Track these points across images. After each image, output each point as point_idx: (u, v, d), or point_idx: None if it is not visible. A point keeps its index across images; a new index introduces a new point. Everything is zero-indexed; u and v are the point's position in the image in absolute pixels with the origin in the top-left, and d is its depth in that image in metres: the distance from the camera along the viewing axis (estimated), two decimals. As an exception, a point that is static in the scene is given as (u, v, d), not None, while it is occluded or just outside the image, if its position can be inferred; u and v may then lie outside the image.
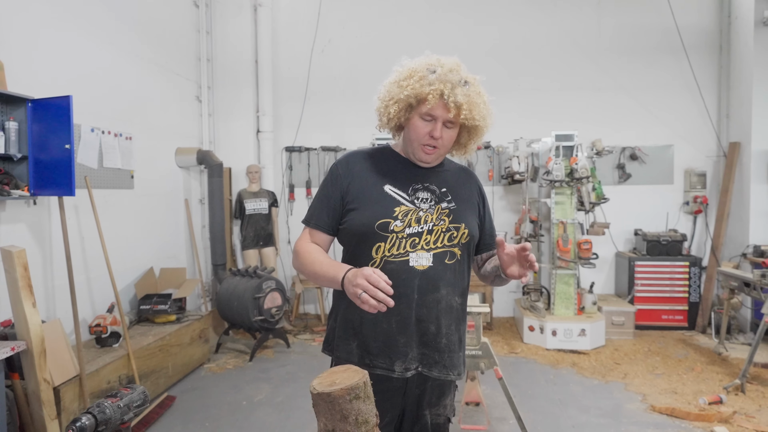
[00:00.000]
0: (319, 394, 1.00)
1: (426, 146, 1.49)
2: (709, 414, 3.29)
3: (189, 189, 5.46)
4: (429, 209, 1.50)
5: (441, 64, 1.49)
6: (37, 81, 3.33)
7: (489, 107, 1.52)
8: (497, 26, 5.91)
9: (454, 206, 1.53)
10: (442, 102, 1.42)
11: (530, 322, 4.95)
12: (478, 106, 1.45)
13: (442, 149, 1.51)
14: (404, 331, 1.45)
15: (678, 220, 5.75)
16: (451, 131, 1.48)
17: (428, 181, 1.55)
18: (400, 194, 1.50)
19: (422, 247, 1.45)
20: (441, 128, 1.45)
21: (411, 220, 1.46)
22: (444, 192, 1.55)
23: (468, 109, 1.43)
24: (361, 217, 1.47)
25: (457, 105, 1.42)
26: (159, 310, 4.14)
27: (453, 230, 1.49)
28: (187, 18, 5.46)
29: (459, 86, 1.43)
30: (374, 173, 1.54)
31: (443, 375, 1.50)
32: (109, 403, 1.16)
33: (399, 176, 1.54)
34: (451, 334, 1.51)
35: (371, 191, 1.50)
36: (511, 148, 5.66)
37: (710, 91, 5.66)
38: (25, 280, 2.65)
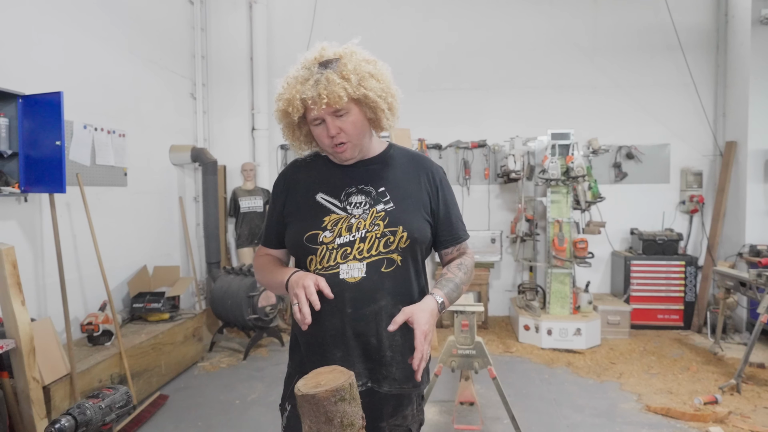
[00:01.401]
0: (303, 395, 0.98)
1: (334, 147, 1.37)
2: (705, 414, 3.28)
3: (183, 187, 5.43)
4: (362, 215, 1.39)
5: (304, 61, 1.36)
6: (28, 77, 3.29)
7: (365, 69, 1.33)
8: (492, 24, 5.89)
9: (392, 207, 1.40)
10: (306, 106, 1.32)
11: (525, 321, 4.94)
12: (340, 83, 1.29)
13: (353, 139, 1.37)
14: (340, 346, 1.36)
15: (674, 219, 5.74)
16: (349, 117, 1.33)
17: (364, 182, 1.43)
18: (331, 202, 1.41)
19: (354, 257, 1.35)
20: (333, 123, 1.32)
21: (341, 228, 1.37)
22: (381, 192, 1.42)
23: (328, 92, 1.27)
24: (292, 231, 1.43)
25: (318, 101, 1.28)
26: (152, 309, 4.11)
27: (389, 235, 1.37)
28: (181, 14, 5.42)
29: (311, 78, 1.30)
30: (309, 182, 1.47)
31: (394, 389, 1.40)
32: (90, 404, 1.13)
33: (333, 181, 1.44)
34: (396, 346, 1.39)
35: (303, 202, 1.44)
36: (506, 146, 5.65)
37: (707, 90, 5.66)
38: (14, 277, 2.62)
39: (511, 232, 5.69)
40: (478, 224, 5.92)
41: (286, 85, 1.36)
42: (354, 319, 1.35)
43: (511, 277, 6.01)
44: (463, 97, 5.97)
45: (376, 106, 1.35)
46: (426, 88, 5.97)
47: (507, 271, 6.00)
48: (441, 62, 5.97)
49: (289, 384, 1.48)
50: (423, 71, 5.97)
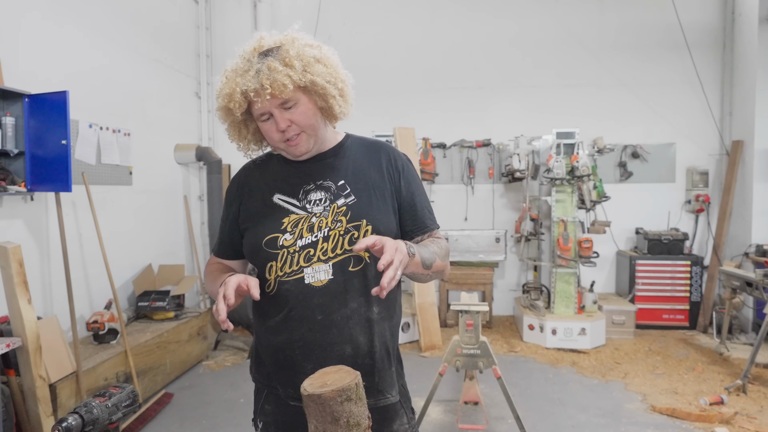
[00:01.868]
0: (309, 395, 0.97)
1: (286, 142, 1.26)
2: (710, 414, 3.26)
3: (188, 185, 5.44)
4: (323, 212, 1.28)
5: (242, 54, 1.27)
6: (34, 76, 3.30)
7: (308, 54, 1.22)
8: (497, 23, 5.87)
9: (353, 200, 1.29)
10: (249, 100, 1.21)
11: (530, 321, 4.93)
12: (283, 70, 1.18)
13: (307, 131, 1.26)
14: (310, 357, 1.25)
15: (680, 218, 5.72)
16: (298, 108, 1.23)
17: (323, 177, 1.32)
18: (290, 201, 1.31)
19: (318, 259, 1.25)
20: (281, 115, 1.22)
21: (302, 229, 1.27)
22: (341, 185, 1.31)
23: (271, 81, 1.17)
24: (250, 237, 1.32)
25: (261, 92, 1.18)
26: (157, 307, 4.12)
27: (353, 230, 1.26)
28: (186, 13, 5.43)
29: (250, 69, 1.20)
30: (263, 184, 1.36)
31: (380, 401, 1.29)
32: (96, 403, 1.14)
33: (289, 180, 1.34)
34: (375, 351, 1.28)
35: (259, 206, 1.33)
36: (511, 145, 5.63)
37: (713, 89, 5.62)
38: (21, 276, 2.63)
39: (516, 232, 5.68)
40: (482, 223, 5.91)
41: (225, 79, 1.26)
42: (324, 326, 1.24)
43: (515, 276, 6.00)
44: (468, 96, 5.96)
45: (326, 93, 1.24)
46: (431, 86, 5.96)
47: (511, 271, 5.99)
48: (446, 61, 5.96)
49: (259, 399, 1.40)
50: (428, 70, 5.95)
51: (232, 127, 1.32)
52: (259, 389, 1.41)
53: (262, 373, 1.38)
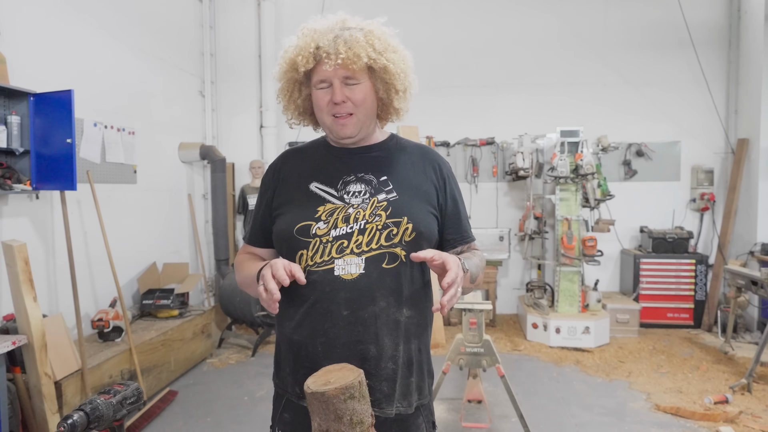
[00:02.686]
0: (312, 393, 0.98)
1: (336, 118, 1.22)
2: (715, 414, 3.25)
3: (192, 184, 5.45)
4: (361, 204, 1.23)
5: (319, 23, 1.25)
6: (39, 75, 3.31)
7: (390, 42, 1.24)
8: (501, 22, 5.86)
9: (395, 197, 1.24)
10: (318, 62, 1.19)
11: (534, 320, 4.92)
12: (364, 44, 1.18)
13: (359, 113, 1.23)
14: (331, 355, 1.19)
15: (684, 217, 5.70)
16: (359, 87, 1.21)
17: (364, 170, 1.28)
18: (326, 191, 1.26)
19: (351, 251, 1.19)
20: (341, 89, 1.20)
21: (338, 219, 1.22)
22: (383, 181, 1.27)
23: (348, 48, 1.16)
24: (281, 223, 1.27)
25: (334, 53, 1.17)
26: (161, 305, 4.14)
27: (392, 226, 1.21)
28: (190, 12, 5.44)
29: (331, 33, 1.20)
30: (302, 171, 1.32)
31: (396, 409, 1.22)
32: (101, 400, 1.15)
33: (328, 169, 1.30)
34: (398, 357, 1.21)
35: (296, 192, 1.29)
36: (515, 144, 5.62)
37: (718, 87, 5.60)
38: (26, 274, 2.65)
39: (520, 230, 5.67)
40: (486, 222, 5.91)
41: (301, 34, 1.24)
42: (350, 322, 1.18)
43: (519, 275, 5.99)
44: (472, 95, 5.95)
45: (392, 84, 1.23)
46: (435, 85, 5.95)
47: (515, 269, 5.98)
48: (450, 60, 5.95)
49: (278, 406, 1.34)
50: (432, 69, 5.95)
51: (288, 84, 1.27)
52: (278, 395, 1.35)
53: (282, 375, 1.32)
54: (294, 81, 1.26)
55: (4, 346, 2.45)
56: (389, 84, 1.24)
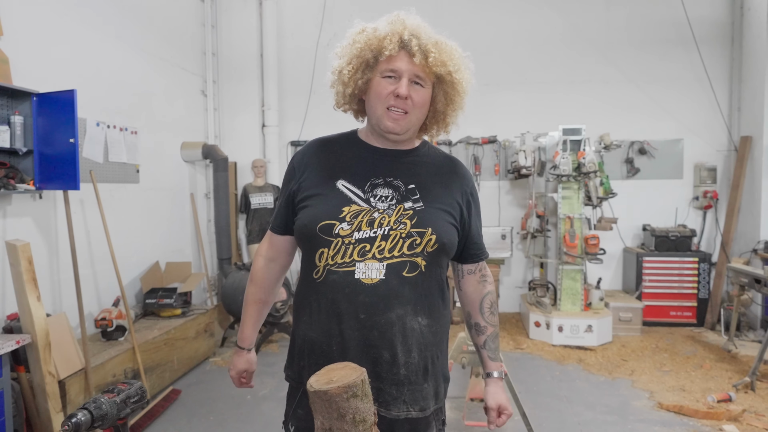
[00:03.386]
0: (315, 392, 0.98)
1: (392, 110, 1.22)
2: (718, 412, 3.25)
3: (194, 183, 5.46)
4: (387, 210, 1.23)
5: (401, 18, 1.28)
6: (42, 75, 3.32)
7: (464, 64, 1.28)
8: (503, 19, 5.85)
9: (422, 207, 1.25)
10: (403, 50, 1.21)
11: (536, 318, 4.92)
12: (450, 53, 1.22)
13: (413, 115, 1.24)
14: (345, 356, 1.20)
15: (687, 215, 5.68)
16: (423, 91, 1.24)
17: (393, 175, 1.28)
18: (353, 191, 1.25)
19: (373, 256, 1.19)
20: (408, 85, 1.21)
21: (362, 222, 1.21)
22: (411, 189, 1.26)
23: (437, 52, 1.19)
24: (305, 217, 1.26)
25: (422, 50, 1.19)
26: (164, 304, 4.15)
27: (416, 236, 1.21)
28: (192, 12, 5.44)
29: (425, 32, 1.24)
30: (330, 165, 1.31)
31: (402, 413, 1.23)
32: (105, 399, 1.15)
33: (358, 169, 1.29)
34: (411, 363, 1.22)
35: (322, 187, 1.28)
36: (517, 142, 5.61)
37: (721, 85, 5.58)
38: (30, 273, 2.66)
39: (522, 229, 5.66)
40: (488, 220, 5.90)
41: (392, 20, 1.25)
42: (366, 326, 1.19)
43: (521, 273, 5.99)
44: (474, 93, 5.78)
45: (454, 99, 1.28)
46: (436, 83, 5.94)
47: (517, 268, 5.98)
48: (451, 58, 5.94)
49: (292, 402, 1.35)
50: (433, 67, 5.93)
51: (357, 61, 1.26)
52: (292, 390, 1.36)
53: (295, 368, 1.32)
54: (363, 59, 1.25)
55: (8, 345, 2.46)
56: (450, 100, 1.28)
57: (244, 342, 1.50)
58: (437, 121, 1.32)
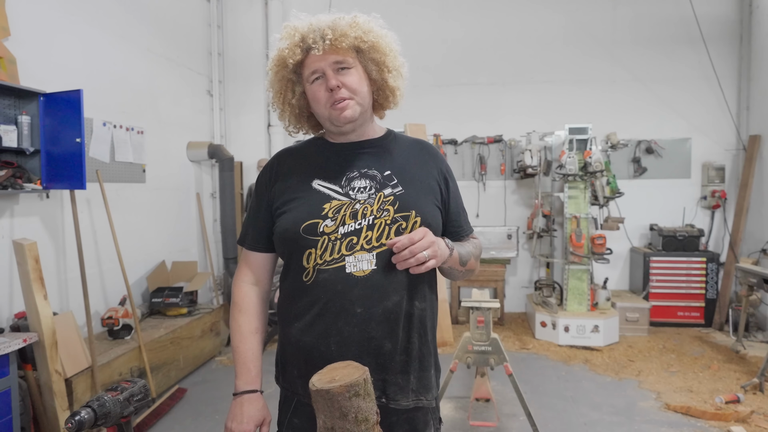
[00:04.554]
0: (317, 390, 0.98)
1: (334, 105, 1.21)
2: (726, 413, 3.22)
3: (200, 183, 5.48)
4: (368, 200, 1.22)
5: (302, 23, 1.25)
6: (49, 75, 3.34)
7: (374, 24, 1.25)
8: (509, 19, 5.82)
9: (401, 191, 1.24)
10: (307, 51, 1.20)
11: (542, 318, 4.90)
12: (349, 24, 1.20)
13: (357, 96, 1.22)
14: (347, 353, 1.17)
15: (695, 215, 5.64)
16: (351, 71, 1.21)
17: (367, 165, 1.27)
18: (330, 188, 1.24)
19: (362, 247, 1.18)
20: (334, 75, 1.19)
21: (345, 216, 1.20)
22: (387, 176, 1.26)
23: (333, 31, 1.18)
24: (286, 222, 1.24)
25: (322, 37, 1.18)
26: (170, 303, 4.17)
27: (401, 221, 1.21)
28: (198, 12, 5.46)
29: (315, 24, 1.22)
30: (302, 169, 1.30)
31: (414, 401, 1.22)
32: (109, 397, 1.16)
33: (330, 166, 1.28)
34: (413, 350, 1.22)
35: (297, 190, 1.26)
36: (523, 141, 5.59)
37: (730, 83, 5.53)
38: (37, 272, 2.68)
39: (528, 228, 5.64)
40: (494, 220, 5.88)
41: (285, 31, 1.24)
42: (364, 319, 1.17)
43: (527, 273, 5.96)
44: (480, 92, 5.92)
45: (384, 62, 1.24)
46: (442, 83, 5.94)
47: (523, 268, 5.96)
48: (457, 57, 5.93)
49: (286, 411, 1.31)
50: (439, 66, 5.93)
51: (279, 85, 1.27)
52: (287, 399, 1.32)
53: (289, 378, 1.29)
54: (286, 80, 1.26)
55: (15, 344, 2.48)
56: (381, 63, 1.24)
57: (254, 382, 1.29)
58: (383, 90, 1.29)
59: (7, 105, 3.02)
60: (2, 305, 3.02)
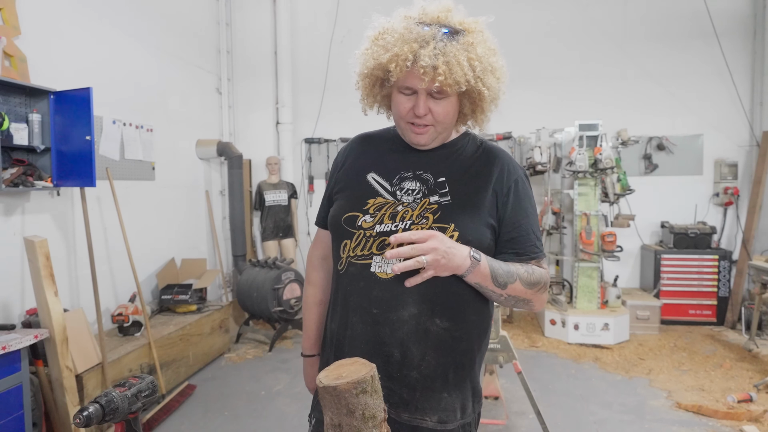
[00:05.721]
0: (324, 387, 0.97)
1: (413, 126, 1.18)
2: (738, 412, 3.18)
3: (209, 180, 5.50)
4: (412, 203, 1.18)
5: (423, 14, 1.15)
6: (59, 73, 3.37)
7: (491, 59, 1.16)
8: (518, 13, 5.77)
9: (448, 201, 1.17)
10: (410, 69, 1.10)
11: (552, 316, 4.87)
12: (464, 66, 1.09)
13: (438, 126, 1.18)
14: (355, 350, 1.18)
15: (707, 212, 5.57)
16: (445, 102, 1.15)
17: (424, 168, 1.22)
18: (381, 183, 1.23)
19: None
20: (425, 102, 1.13)
21: (384, 215, 1.18)
22: (440, 182, 1.20)
23: (447, 69, 1.08)
24: (334, 210, 1.27)
25: (433, 71, 1.08)
26: (180, 300, 4.19)
27: None
28: (207, 10, 5.48)
29: (432, 42, 1.09)
30: (365, 159, 1.30)
31: (414, 420, 1.17)
32: (117, 393, 1.16)
33: (389, 162, 1.26)
34: (425, 367, 1.16)
35: (353, 180, 1.27)
36: (533, 138, 5.55)
37: (743, 78, 5.45)
38: (47, 269, 2.70)
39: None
40: (503, 217, 5.84)
41: (396, 35, 1.12)
42: (378, 322, 1.16)
43: (536, 270, 5.92)
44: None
45: (481, 105, 1.18)
46: (450, 79, 5.90)
47: (533, 265, 5.91)
48: (465, 53, 5.89)
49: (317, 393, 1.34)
50: (447, 63, 5.89)
51: (369, 81, 1.21)
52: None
53: (323, 360, 1.34)
54: (377, 78, 1.20)
55: (26, 340, 2.50)
56: (477, 106, 1.19)
57: (313, 349, 1.45)
58: (465, 120, 1.24)
59: (18, 103, 3.05)
60: (14, 302, 3.05)
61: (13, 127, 2.94)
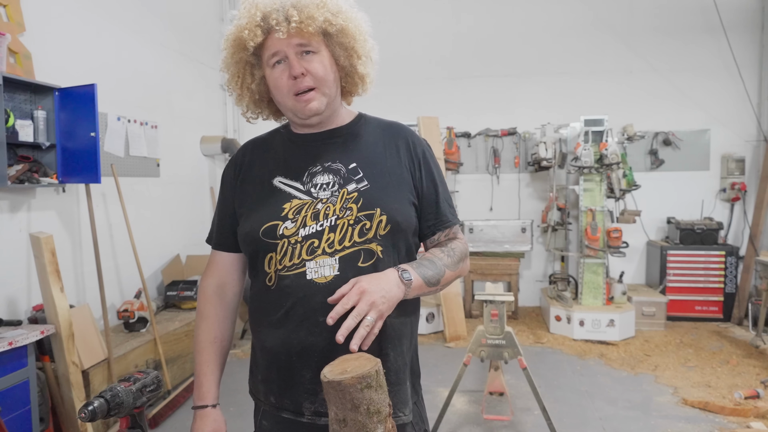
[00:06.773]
0: (329, 382, 0.97)
1: (298, 95, 1.10)
2: (745, 409, 3.16)
3: (214, 177, 5.51)
4: (330, 198, 1.12)
5: None
6: (63, 70, 3.37)
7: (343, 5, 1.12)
8: (523, 9, 5.74)
9: (366, 186, 1.13)
10: (268, 29, 1.08)
11: (557, 312, 4.86)
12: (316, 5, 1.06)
13: (323, 86, 1.11)
14: (308, 364, 1.10)
15: (714, 207, 5.53)
16: (317, 57, 1.10)
17: (331, 158, 1.16)
18: (292, 185, 1.15)
19: (323, 251, 1.09)
20: (298, 60, 1.08)
21: (306, 217, 1.11)
22: (353, 168, 1.15)
23: (299, 11, 1.05)
24: (246, 225, 1.16)
25: (286, 18, 1.05)
26: (185, 296, 4.20)
27: (364, 220, 1.10)
28: (211, 7, 5.48)
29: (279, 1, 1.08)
30: (265, 165, 1.21)
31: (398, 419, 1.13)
32: (122, 387, 1.16)
33: (292, 161, 1.18)
34: (387, 362, 1.11)
35: (259, 190, 1.18)
36: (538, 134, 5.53)
37: (750, 73, 5.39)
38: (53, 265, 2.71)
39: (542, 222, 5.59)
40: (508, 213, 5.83)
41: (243, 8, 1.10)
42: (327, 329, 1.03)
43: (542, 267, 5.91)
44: (493, 85, 5.86)
45: (353, 47, 1.12)
46: (455, 75, 5.88)
47: (538, 261, 5.90)
48: (470, 49, 5.87)
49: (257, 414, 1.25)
50: (451, 58, 5.87)
51: (237, 69, 1.16)
52: (256, 406, 1.26)
53: (254, 381, 1.24)
54: (244, 63, 1.15)
55: (33, 335, 2.52)
56: (350, 48, 1.13)
57: (207, 397, 1.22)
58: (352, 77, 1.18)
59: (23, 100, 3.06)
60: (20, 298, 3.07)
61: (19, 123, 2.94)
